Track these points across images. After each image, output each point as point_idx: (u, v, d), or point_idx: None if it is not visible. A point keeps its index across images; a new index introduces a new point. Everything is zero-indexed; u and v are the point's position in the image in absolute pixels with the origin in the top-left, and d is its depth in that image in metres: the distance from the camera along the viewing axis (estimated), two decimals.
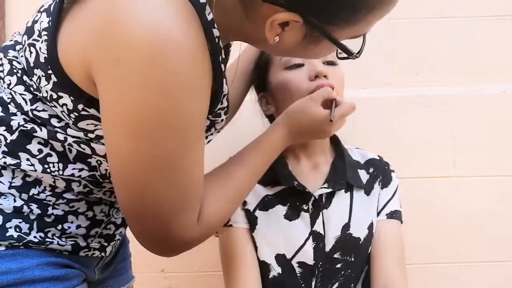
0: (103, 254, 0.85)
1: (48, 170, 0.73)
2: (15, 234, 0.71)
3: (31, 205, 0.73)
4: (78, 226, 0.78)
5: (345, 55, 0.75)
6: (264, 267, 1.09)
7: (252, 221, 1.10)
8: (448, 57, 1.42)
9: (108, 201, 0.82)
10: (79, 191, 0.77)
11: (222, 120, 0.79)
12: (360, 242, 1.09)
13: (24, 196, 0.73)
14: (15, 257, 0.70)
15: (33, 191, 0.74)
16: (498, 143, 1.40)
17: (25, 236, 0.72)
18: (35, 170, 0.72)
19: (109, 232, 0.84)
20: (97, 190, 0.78)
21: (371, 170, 1.16)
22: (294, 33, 0.70)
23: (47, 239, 0.74)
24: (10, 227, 0.71)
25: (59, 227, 0.76)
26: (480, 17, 1.42)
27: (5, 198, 0.72)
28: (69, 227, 0.77)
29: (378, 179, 1.15)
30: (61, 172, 0.74)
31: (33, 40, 0.71)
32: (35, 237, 0.73)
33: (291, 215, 1.09)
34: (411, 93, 1.42)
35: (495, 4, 1.42)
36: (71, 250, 0.78)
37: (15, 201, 0.72)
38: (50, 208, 0.75)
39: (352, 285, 1.10)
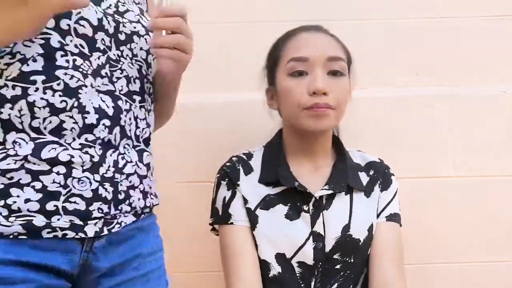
0: (81, 234, 0.73)
1: None
2: None
3: None
4: (27, 200, 0.68)
5: None
6: (264, 266, 1.09)
7: (253, 219, 1.09)
8: (448, 57, 1.42)
9: (62, 169, 0.71)
10: None
11: None
12: (360, 243, 1.09)
13: None
14: None
15: None
16: (498, 143, 1.40)
17: None
18: None
19: (78, 207, 0.72)
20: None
21: (371, 172, 1.16)
22: None
23: None
24: None
25: (2, 202, 0.66)
26: (480, 17, 1.42)
27: None
28: (14, 202, 0.67)
29: (378, 182, 1.15)
30: None
31: None
32: None
33: (291, 215, 1.09)
34: (411, 93, 1.42)
35: (495, 4, 1.42)
36: (25, 232, 0.67)
37: None
38: None
39: (351, 286, 1.10)
